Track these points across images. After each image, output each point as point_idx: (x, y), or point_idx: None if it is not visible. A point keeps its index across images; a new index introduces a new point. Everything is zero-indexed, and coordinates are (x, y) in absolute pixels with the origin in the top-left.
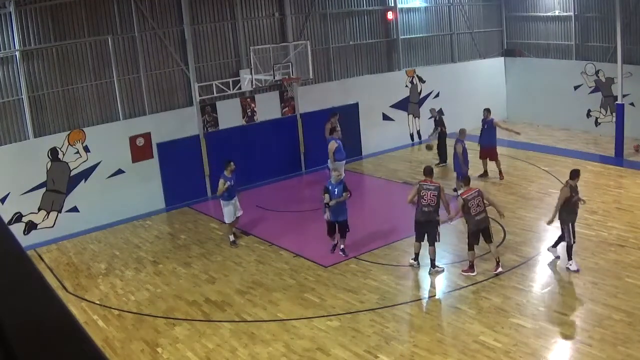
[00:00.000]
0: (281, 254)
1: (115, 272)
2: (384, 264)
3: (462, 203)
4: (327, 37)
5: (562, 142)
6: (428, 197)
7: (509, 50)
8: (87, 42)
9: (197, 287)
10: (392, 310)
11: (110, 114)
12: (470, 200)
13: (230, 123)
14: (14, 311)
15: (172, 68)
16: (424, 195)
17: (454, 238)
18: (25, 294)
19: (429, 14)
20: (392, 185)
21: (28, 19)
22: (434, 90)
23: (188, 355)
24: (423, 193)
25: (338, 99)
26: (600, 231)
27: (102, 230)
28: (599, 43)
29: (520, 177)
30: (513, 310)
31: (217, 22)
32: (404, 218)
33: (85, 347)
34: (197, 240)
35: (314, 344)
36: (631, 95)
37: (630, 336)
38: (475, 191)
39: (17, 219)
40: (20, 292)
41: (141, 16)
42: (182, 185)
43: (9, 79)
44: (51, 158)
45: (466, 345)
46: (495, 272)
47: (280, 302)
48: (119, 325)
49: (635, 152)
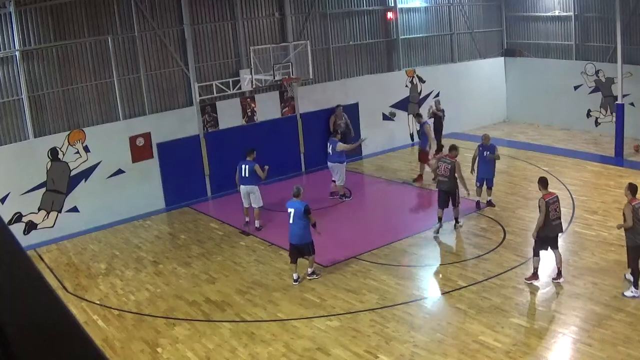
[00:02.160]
0: (281, 254)
1: (115, 272)
2: (384, 264)
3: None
4: (327, 37)
5: (562, 142)
6: (442, 169)
7: (509, 50)
8: (87, 42)
9: (197, 287)
10: (392, 310)
11: (110, 114)
12: (551, 204)
13: (230, 123)
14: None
15: (172, 68)
16: (439, 167)
17: (454, 238)
18: (26, 294)
19: (429, 14)
20: (392, 185)
21: (28, 19)
22: (434, 90)
23: (188, 355)
24: (439, 164)
25: (338, 99)
26: (600, 231)
27: (102, 230)
28: (599, 43)
29: (520, 177)
30: (513, 310)
31: (217, 22)
32: (403, 218)
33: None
34: (197, 240)
35: (314, 344)
36: (631, 95)
37: (630, 336)
38: (555, 196)
39: (17, 219)
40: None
41: (141, 16)
42: (182, 185)
43: (9, 79)
44: (51, 158)
45: (466, 345)
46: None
47: (280, 302)
48: (119, 325)
49: (635, 152)
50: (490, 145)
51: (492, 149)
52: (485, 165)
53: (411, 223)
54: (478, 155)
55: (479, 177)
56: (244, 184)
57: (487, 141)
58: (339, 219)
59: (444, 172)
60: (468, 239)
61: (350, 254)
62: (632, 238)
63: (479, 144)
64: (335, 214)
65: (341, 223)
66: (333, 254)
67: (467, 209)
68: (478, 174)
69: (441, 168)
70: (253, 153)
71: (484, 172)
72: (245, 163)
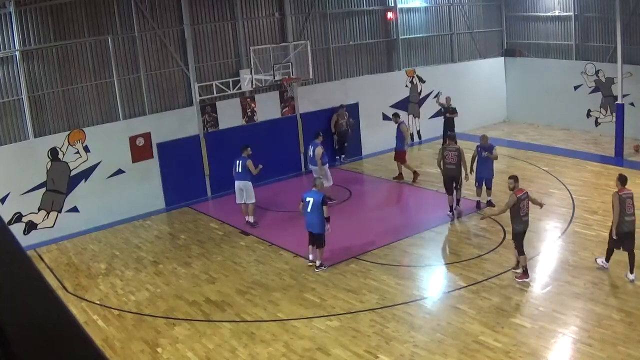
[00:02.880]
0: (281, 254)
1: (115, 272)
2: (384, 264)
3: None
4: (327, 37)
5: (562, 142)
6: (450, 157)
7: (509, 50)
8: (87, 42)
9: (197, 287)
10: (392, 310)
11: (110, 114)
12: (522, 200)
13: (230, 123)
14: (14, 311)
15: (172, 68)
16: (446, 156)
17: (454, 238)
18: (26, 294)
19: (429, 14)
20: (392, 185)
21: (28, 19)
22: (434, 90)
23: (188, 355)
24: (446, 153)
25: (338, 99)
26: (600, 231)
27: (102, 230)
28: (599, 43)
29: (520, 177)
30: (513, 310)
31: (217, 22)
32: (403, 218)
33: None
34: (197, 240)
35: (314, 344)
36: (631, 95)
37: (630, 336)
38: (525, 193)
39: (17, 219)
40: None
41: (141, 16)
42: (182, 185)
43: (9, 79)
44: (51, 158)
45: (466, 345)
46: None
47: (280, 302)
48: (119, 325)
49: (635, 152)
50: (489, 145)
51: (490, 149)
52: (484, 165)
53: (411, 223)
54: (477, 155)
55: (478, 177)
56: (238, 179)
57: (486, 141)
58: (338, 219)
59: (451, 160)
60: (468, 239)
61: (350, 254)
62: (620, 225)
63: (478, 144)
64: (335, 214)
65: (341, 223)
66: (333, 254)
67: (468, 209)
68: (477, 174)
69: (448, 156)
70: (247, 149)
71: (482, 172)
72: (239, 159)
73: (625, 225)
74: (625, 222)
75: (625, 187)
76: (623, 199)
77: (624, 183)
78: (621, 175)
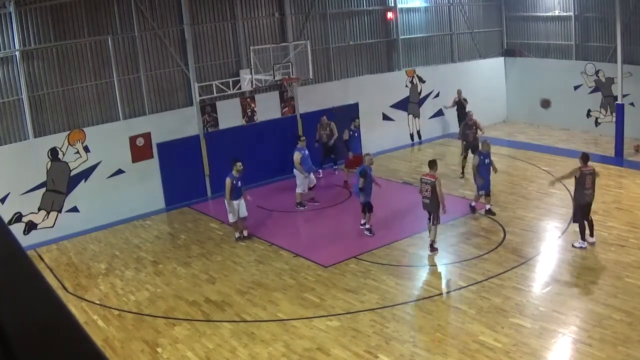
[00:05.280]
0: (281, 254)
1: (115, 272)
2: (384, 264)
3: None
4: (327, 37)
5: (562, 142)
6: (424, 190)
7: (509, 50)
8: (87, 42)
9: (197, 287)
10: (392, 310)
11: (110, 114)
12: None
13: (230, 123)
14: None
15: (172, 68)
16: (421, 188)
17: (454, 239)
18: (26, 295)
19: (429, 14)
20: (392, 185)
21: (28, 19)
22: (434, 90)
23: (188, 355)
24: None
25: (338, 99)
26: (600, 231)
27: (102, 230)
28: (599, 43)
29: (520, 177)
30: (513, 310)
31: (217, 22)
32: (403, 218)
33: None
34: (197, 240)
35: (314, 344)
36: (631, 95)
37: (630, 336)
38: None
39: (17, 219)
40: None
41: (141, 16)
42: (182, 185)
43: (9, 79)
44: (51, 158)
45: (466, 345)
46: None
47: (280, 302)
48: (119, 325)
49: (635, 152)
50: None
51: (490, 156)
52: (486, 173)
53: (411, 223)
54: (479, 164)
55: (480, 185)
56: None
57: (488, 148)
58: (338, 219)
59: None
60: (468, 239)
61: (350, 254)
62: (578, 198)
63: (479, 150)
64: (335, 214)
65: (341, 223)
66: (333, 254)
67: (468, 210)
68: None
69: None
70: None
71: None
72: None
73: (584, 198)
74: (584, 195)
75: (587, 165)
76: (584, 175)
77: (586, 161)
78: (584, 154)
